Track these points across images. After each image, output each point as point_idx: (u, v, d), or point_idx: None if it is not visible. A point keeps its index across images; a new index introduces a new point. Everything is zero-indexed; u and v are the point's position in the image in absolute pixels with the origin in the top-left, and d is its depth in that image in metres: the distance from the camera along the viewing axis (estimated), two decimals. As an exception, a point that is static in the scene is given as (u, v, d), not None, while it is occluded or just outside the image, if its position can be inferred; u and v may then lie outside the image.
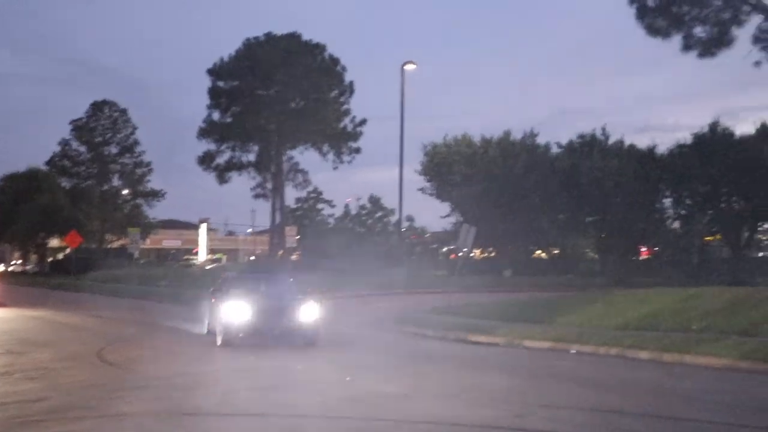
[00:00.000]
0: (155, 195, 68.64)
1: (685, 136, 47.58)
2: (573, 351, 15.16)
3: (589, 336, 15.85)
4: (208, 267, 60.81)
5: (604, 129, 49.75)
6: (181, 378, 11.28)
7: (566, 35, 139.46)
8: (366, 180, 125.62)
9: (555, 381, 11.51)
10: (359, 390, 10.33)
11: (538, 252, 57.75)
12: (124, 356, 14.14)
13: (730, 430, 8.20)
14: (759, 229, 49.87)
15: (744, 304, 19.86)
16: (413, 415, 8.66)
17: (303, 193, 63.56)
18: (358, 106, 59.62)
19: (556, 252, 55.33)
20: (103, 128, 67.09)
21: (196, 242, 78.11)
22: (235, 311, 15.19)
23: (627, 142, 49.73)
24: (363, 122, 53.91)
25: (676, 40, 27.26)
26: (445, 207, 54.28)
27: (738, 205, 45.82)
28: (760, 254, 52.97)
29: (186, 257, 78.52)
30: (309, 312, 15.52)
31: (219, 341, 15.41)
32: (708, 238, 50.57)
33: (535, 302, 22.24)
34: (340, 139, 53.44)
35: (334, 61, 53.03)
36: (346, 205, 62.02)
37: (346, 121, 53.73)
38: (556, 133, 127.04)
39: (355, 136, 53.92)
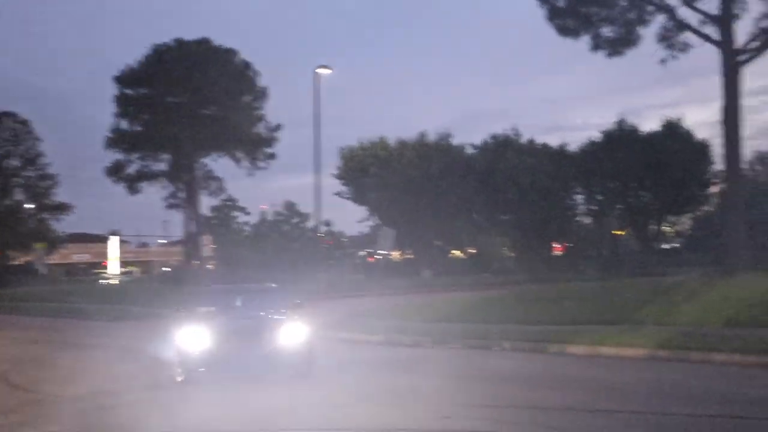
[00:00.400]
0: (62, 208, 66.06)
1: (595, 135, 48.99)
2: (496, 349, 15.21)
3: (512, 333, 15.95)
4: (113, 281, 58.97)
5: (515, 129, 50.76)
6: (94, 399, 10.69)
7: (475, 39, 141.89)
8: (283, 186, 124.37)
9: (482, 380, 11.45)
10: (285, 400, 10.01)
11: (456, 252, 58.36)
12: (32, 377, 13.37)
13: (658, 420, 8.28)
14: (665, 221, 51.76)
15: (656, 294, 20.52)
16: (342, 421, 8.42)
17: (217, 201, 62.33)
18: (274, 112, 58.97)
19: (473, 251, 56.01)
20: (2, 140, 64.20)
21: (106, 255, 75.69)
22: (192, 338, 11.46)
23: (538, 141, 50.89)
24: (278, 128, 53.31)
25: (586, 40, 28.10)
26: (362, 210, 54.27)
27: (646, 199, 47.43)
28: (667, 246, 54.95)
29: (95, 271, 76.00)
30: (294, 333, 11.69)
31: (179, 377, 11.59)
32: (618, 232, 52.18)
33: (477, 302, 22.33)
34: (254, 145, 52.67)
35: (247, 66, 52.25)
36: (262, 212, 61.13)
37: (261, 126, 53.01)
38: (469, 135, 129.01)
39: (270, 141, 53.25)
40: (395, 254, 55.90)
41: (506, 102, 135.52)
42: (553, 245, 53.30)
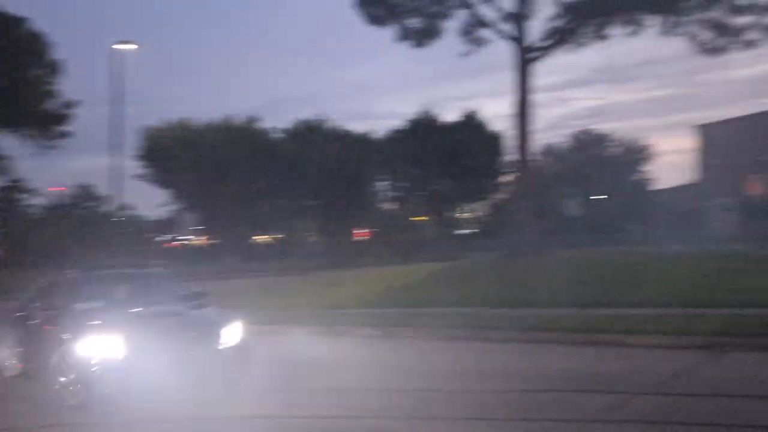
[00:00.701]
0: None
1: (400, 123, 50.48)
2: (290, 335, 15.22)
3: (310, 318, 16.06)
4: None
5: (323, 115, 51.16)
6: None
7: (286, 24, 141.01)
8: (86, 167, 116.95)
9: (315, 366, 11.29)
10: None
11: (263, 237, 57.95)
12: None
13: (450, 397, 8.64)
14: (463, 208, 54.48)
15: (453, 277, 21.54)
16: (190, 411, 8.11)
17: (3, 182, 57.44)
18: (79, 88, 55.18)
19: (280, 237, 55.88)
20: None
21: None
22: (94, 346, 8.56)
23: (346, 128, 51.65)
24: (72, 104, 49.80)
25: (393, 29, 28.80)
26: (165, 194, 52.34)
27: (445, 187, 49.57)
28: (466, 231, 57.74)
29: None
30: (233, 330, 9.39)
31: (72, 399, 8.59)
32: (419, 218, 54.16)
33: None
34: (44, 122, 48.89)
35: (37, 36, 48.33)
36: (55, 195, 57.24)
37: (53, 103, 49.35)
38: (278, 120, 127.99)
39: (63, 119, 49.71)
40: (200, 239, 54.54)
41: (316, 88, 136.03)
42: (358, 230, 54.36)
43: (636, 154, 61.83)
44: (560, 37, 28.64)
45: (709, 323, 12.04)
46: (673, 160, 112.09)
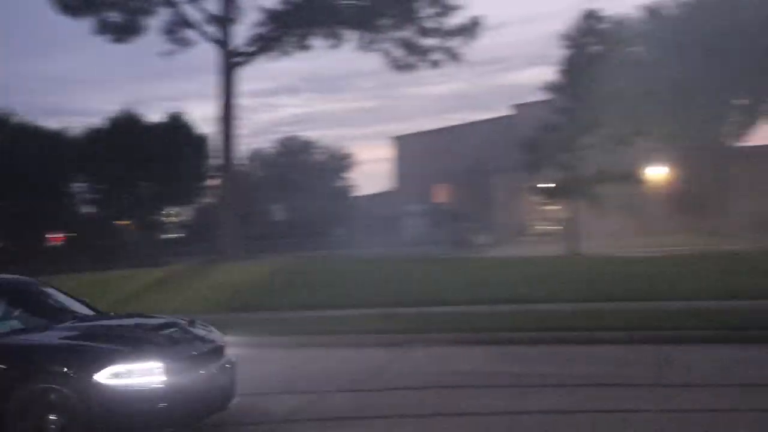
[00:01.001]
0: None
1: (100, 121, 47.85)
2: None
3: None
4: None
5: (8, 109, 46.77)
6: None
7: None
8: None
9: None
10: None
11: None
12: None
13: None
14: (167, 211, 53.00)
15: (154, 283, 20.89)
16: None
17: None
18: None
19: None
20: None
21: None
22: (132, 383, 6.80)
23: (37, 124, 47.59)
24: None
25: (91, 22, 27.10)
26: None
27: (148, 190, 47.88)
28: (173, 235, 56.20)
29: None
30: (227, 346, 8.37)
31: None
32: (122, 222, 51.73)
33: None
34: None
35: None
36: None
37: None
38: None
39: None
40: None
41: (3, 80, 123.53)
42: (53, 235, 50.47)
43: (339, 162, 64.54)
44: (265, 44, 29.05)
45: (401, 322, 12.90)
46: (373, 169, 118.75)
